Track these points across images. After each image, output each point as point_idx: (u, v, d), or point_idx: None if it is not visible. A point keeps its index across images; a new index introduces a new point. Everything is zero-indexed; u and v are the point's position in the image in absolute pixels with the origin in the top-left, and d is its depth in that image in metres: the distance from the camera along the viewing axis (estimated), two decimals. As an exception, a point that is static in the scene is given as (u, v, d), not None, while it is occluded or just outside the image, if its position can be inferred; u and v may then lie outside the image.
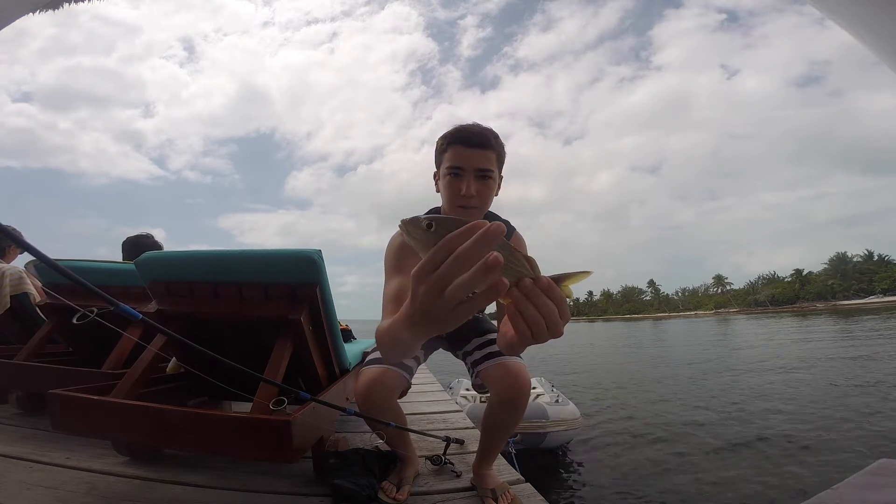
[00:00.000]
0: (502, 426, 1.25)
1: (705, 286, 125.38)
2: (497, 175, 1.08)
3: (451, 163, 1.04)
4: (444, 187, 1.07)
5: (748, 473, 3.72)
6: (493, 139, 1.05)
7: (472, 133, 1.04)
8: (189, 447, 1.30)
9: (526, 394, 1.18)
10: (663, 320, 71.84)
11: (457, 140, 1.04)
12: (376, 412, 1.21)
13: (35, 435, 1.64)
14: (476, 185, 1.04)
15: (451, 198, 1.06)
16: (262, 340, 1.39)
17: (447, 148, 1.05)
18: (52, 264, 0.75)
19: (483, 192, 1.05)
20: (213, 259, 1.39)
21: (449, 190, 1.05)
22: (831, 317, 34.97)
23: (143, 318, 0.84)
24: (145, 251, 1.53)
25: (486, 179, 1.05)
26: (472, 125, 1.06)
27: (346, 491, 1.18)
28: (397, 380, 1.22)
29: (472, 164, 1.03)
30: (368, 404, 1.20)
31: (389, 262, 1.10)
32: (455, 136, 1.05)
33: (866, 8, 1.35)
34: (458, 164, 1.04)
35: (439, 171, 1.09)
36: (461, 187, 1.03)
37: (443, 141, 1.07)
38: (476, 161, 1.03)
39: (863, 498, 1.28)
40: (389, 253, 1.12)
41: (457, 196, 1.04)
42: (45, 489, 1.20)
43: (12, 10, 1.48)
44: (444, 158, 1.06)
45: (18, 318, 2.28)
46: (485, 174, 1.04)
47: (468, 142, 1.04)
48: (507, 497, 1.23)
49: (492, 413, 1.24)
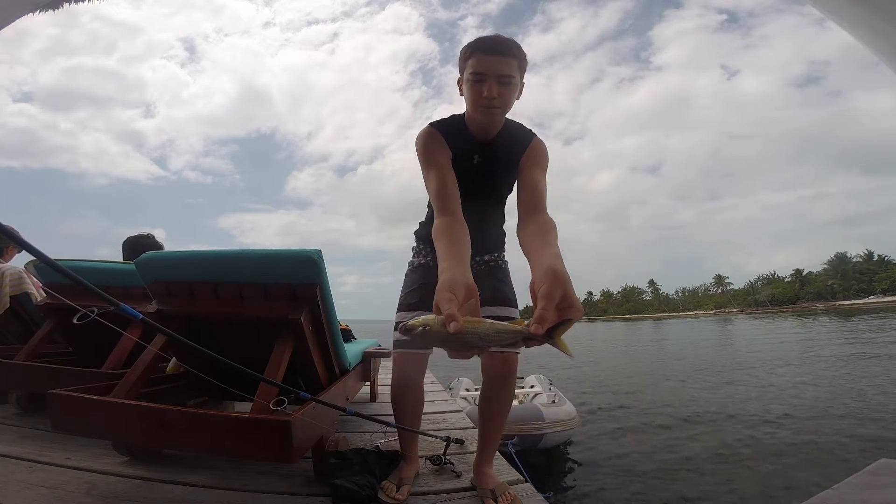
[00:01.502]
0: (498, 412, 1.33)
1: (705, 286, 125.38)
2: (518, 81, 1.13)
3: (473, 69, 1.09)
4: (468, 91, 1.12)
5: (748, 473, 3.72)
6: (515, 47, 1.09)
7: (494, 41, 1.09)
8: (189, 447, 1.31)
9: (514, 382, 1.32)
10: (663, 320, 71.86)
11: (479, 48, 1.09)
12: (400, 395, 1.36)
13: (35, 435, 1.64)
14: (498, 89, 1.09)
15: (475, 101, 1.12)
16: (262, 340, 1.39)
17: (470, 55, 1.10)
18: (52, 264, 0.75)
19: (504, 95, 1.11)
20: (214, 259, 1.39)
21: (472, 94, 1.11)
22: (831, 317, 34.98)
23: (144, 318, 0.84)
24: (145, 251, 1.53)
25: (508, 84, 1.10)
26: (494, 35, 1.12)
27: (346, 491, 1.18)
28: (419, 360, 1.35)
29: (493, 70, 1.08)
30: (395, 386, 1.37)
31: (423, 155, 1.15)
32: (478, 45, 1.09)
33: (866, 8, 1.35)
34: (481, 69, 1.08)
35: (462, 78, 1.14)
36: (483, 90, 1.09)
37: (467, 49, 1.11)
38: (498, 67, 1.08)
39: (863, 498, 1.28)
40: (420, 148, 1.16)
41: (479, 98, 1.10)
42: (45, 489, 1.20)
43: (12, 10, 1.48)
44: (467, 65, 1.11)
45: (18, 318, 2.28)
46: (506, 79, 1.09)
47: (490, 49, 1.08)
48: (507, 497, 1.23)
49: (486, 403, 1.34)
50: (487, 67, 1.08)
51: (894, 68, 1.39)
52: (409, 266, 1.45)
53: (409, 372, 1.35)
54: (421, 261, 1.41)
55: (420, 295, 1.34)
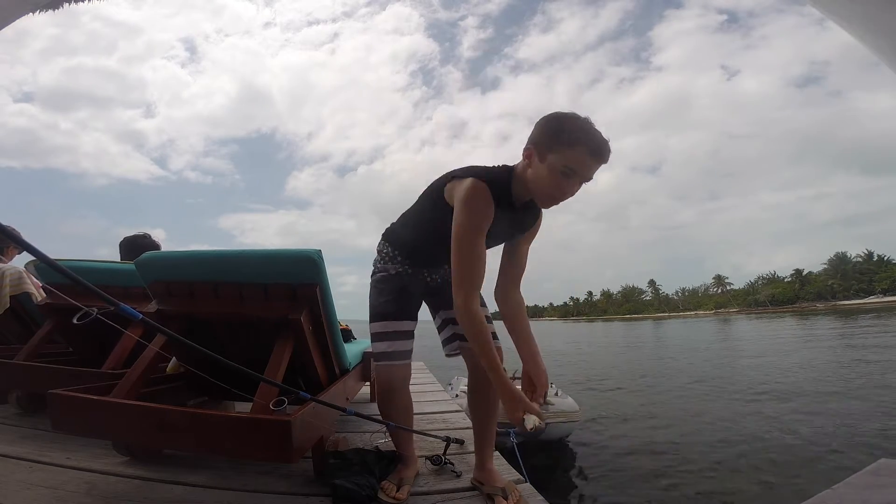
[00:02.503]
0: (485, 408, 1.36)
1: (705, 286, 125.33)
2: None
3: (571, 164, 1.03)
4: (550, 179, 1.06)
5: (748, 473, 3.73)
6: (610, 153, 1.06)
7: (606, 147, 1.04)
8: (189, 447, 1.31)
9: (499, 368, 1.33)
10: (663, 320, 71.82)
11: (590, 149, 1.02)
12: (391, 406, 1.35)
13: (35, 435, 1.64)
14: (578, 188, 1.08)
15: (551, 192, 1.08)
16: (262, 340, 1.39)
17: (575, 146, 1.02)
18: (52, 264, 0.75)
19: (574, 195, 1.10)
20: (214, 259, 1.39)
21: (554, 185, 1.06)
22: (831, 317, 34.97)
23: (144, 318, 0.84)
24: (143, 251, 1.53)
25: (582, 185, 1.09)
26: (604, 138, 1.04)
27: (346, 491, 1.18)
28: (405, 371, 1.35)
29: (588, 174, 1.05)
30: (387, 398, 1.35)
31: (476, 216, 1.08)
32: (589, 143, 1.02)
33: (866, 8, 1.35)
34: (578, 169, 1.03)
35: (547, 157, 1.05)
36: (567, 188, 1.06)
37: (571, 135, 1.02)
38: (592, 171, 1.05)
39: (863, 498, 1.28)
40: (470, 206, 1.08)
41: (558, 193, 1.07)
42: (45, 489, 1.20)
43: (12, 11, 1.48)
44: (562, 152, 1.03)
45: (18, 318, 2.28)
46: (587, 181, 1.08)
47: (600, 156, 1.03)
48: (515, 495, 1.25)
49: (473, 396, 1.37)
50: (586, 171, 1.04)
51: (894, 68, 1.39)
52: (379, 271, 1.39)
53: (397, 383, 1.33)
54: (399, 269, 1.35)
55: (399, 305, 1.34)
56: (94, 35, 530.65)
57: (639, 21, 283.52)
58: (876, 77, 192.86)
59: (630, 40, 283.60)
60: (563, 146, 1.03)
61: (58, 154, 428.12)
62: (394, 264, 1.37)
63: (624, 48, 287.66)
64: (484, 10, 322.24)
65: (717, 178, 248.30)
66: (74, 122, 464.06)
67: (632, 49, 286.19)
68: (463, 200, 1.09)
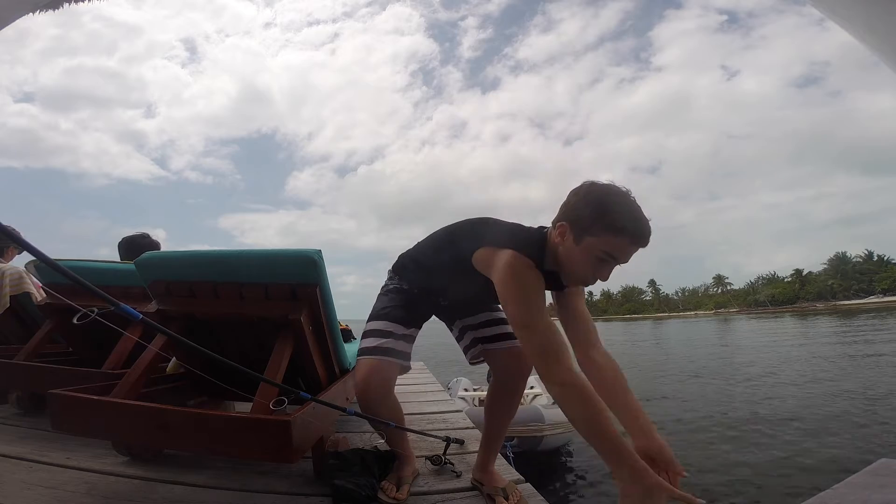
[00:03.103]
0: (506, 411, 1.35)
1: (705, 286, 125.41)
2: None
3: (612, 250, 0.96)
4: (585, 262, 0.99)
5: (748, 472, 3.73)
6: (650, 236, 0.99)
7: (648, 234, 0.96)
8: (189, 447, 1.31)
9: (526, 378, 1.31)
10: (663, 320, 71.83)
11: (632, 237, 0.95)
12: (375, 405, 1.23)
13: (35, 435, 1.64)
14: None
15: (586, 276, 1.01)
16: (262, 340, 1.39)
17: (616, 234, 0.94)
18: (52, 264, 0.75)
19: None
20: (214, 259, 1.39)
21: (590, 269, 0.99)
22: (831, 317, 34.98)
23: (144, 318, 0.84)
24: (143, 251, 1.53)
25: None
26: (647, 222, 0.97)
27: (346, 491, 1.18)
28: (393, 370, 1.23)
29: (625, 260, 0.98)
30: (367, 397, 1.21)
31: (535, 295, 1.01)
32: (632, 231, 0.94)
33: (866, 8, 1.35)
34: (619, 257, 0.97)
35: (583, 238, 0.97)
36: (602, 274, 0.99)
37: (613, 220, 0.94)
38: (630, 258, 0.99)
39: (863, 498, 1.28)
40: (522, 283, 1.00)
41: (592, 277, 1.00)
42: (45, 489, 1.20)
43: (12, 10, 1.48)
44: (602, 237, 0.95)
45: (18, 318, 2.28)
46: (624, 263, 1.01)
47: (639, 242, 0.96)
48: (516, 496, 1.25)
49: (496, 399, 1.35)
50: (625, 257, 0.97)
51: (894, 68, 1.39)
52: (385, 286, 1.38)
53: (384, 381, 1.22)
54: (403, 286, 1.34)
55: (407, 312, 1.31)
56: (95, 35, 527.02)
57: (639, 21, 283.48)
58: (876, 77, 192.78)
59: (630, 40, 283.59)
60: (605, 232, 0.94)
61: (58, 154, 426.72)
62: (400, 283, 1.35)
63: (624, 48, 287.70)
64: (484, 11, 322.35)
65: (717, 178, 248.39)
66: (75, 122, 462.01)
67: (632, 49, 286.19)
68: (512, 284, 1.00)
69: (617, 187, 0.98)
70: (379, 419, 1.30)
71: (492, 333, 1.33)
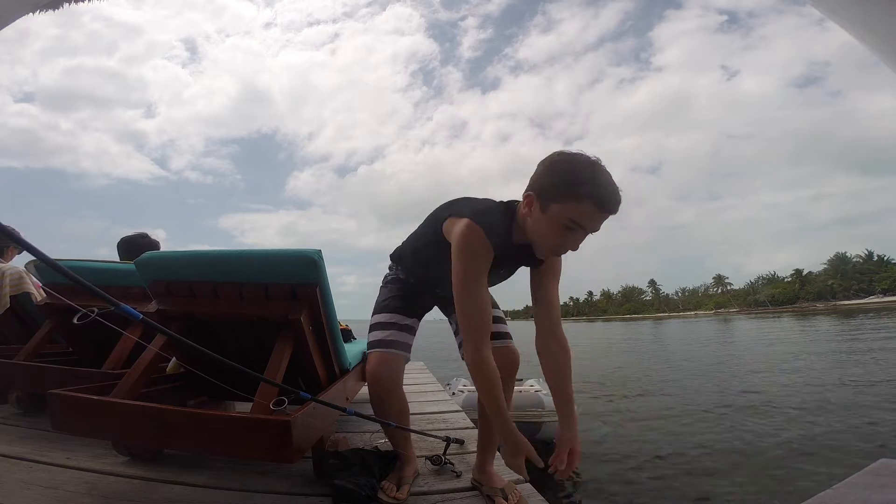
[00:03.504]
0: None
1: (705, 286, 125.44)
2: None
3: (576, 217, 0.95)
4: (552, 231, 0.99)
5: (749, 472, 3.72)
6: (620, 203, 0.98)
7: (614, 200, 0.95)
8: (189, 447, 1.31)
9: (514, 376, 1.33)
10: (663, 320, 71.81)
11: (598, 203, 0.94)
12: (384, 396, 1.28)
13: (35, 435, 1.64)
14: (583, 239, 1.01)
15: (554, 246, 1.01)
16: (262, 340, 1.39)
17: (581, 200, 0.94)
18: (52, 264, 0.75)
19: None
20: (214, 259, 1.39)
21: (557, 238, 0.99)
22: (831, 317, 34.98)
23: (144, 318, 0.84)
24: (142, 250, 1.53)
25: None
26: (611, 183, 0.96)
27: (346, 491, 1.18)
28: (400, 361, 1.30)
29: (595, 227, 0.98)
30: (376, 389, 1.27)
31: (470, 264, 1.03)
32: (599, 195, 0.94)
33: (866, 8, 1.35)
34: (585, 224, 0.96)
35: (549, 206, 0.97)
36: (571, 241, 0.99)
37: (577, 187, 0.94)
38: (599, 225, 0.98)
39: (863, 498, 1.28)
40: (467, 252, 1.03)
41: (562, 246, 1.00)
42: (45, 489, 1.20)
43: (12, 10, 1.48)
44: (568, 204, 0.95)
45: (18, 318, 2.28)
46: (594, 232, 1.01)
47: (607, 209, 0.95)
48: (515, 496, 1.25)
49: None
50: (592, 224, 0.97)
51: (894, 68, 1.38)
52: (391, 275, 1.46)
53: (392, 374, 1.27)
54: (400, 275, 1.42)
55: (407, 302, 1.37)
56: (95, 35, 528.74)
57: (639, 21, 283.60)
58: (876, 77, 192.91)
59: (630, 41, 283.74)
60: (569, 198, 0.94)
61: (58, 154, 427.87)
62: (396, 272, 1.44)
63: (624, 48, 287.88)
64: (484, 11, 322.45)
65: (717, 178, 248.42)
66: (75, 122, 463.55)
67: (632, 49, 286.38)
68: (458, 248, 1.03)
69: (585, 155, 0.98)
70: (381, 420, 1.30)
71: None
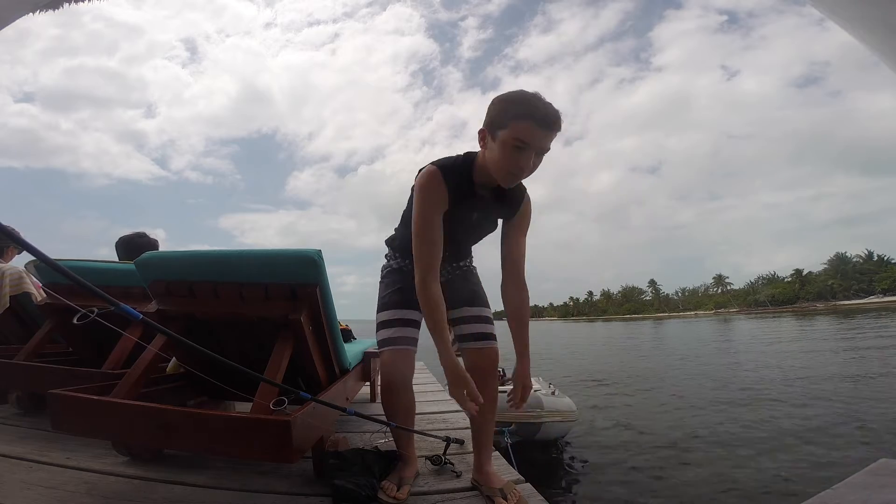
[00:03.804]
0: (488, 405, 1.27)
1: (705, 286, 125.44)
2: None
3: (520, 135, 1.02)
4: (502, 154, 1.06)
5: (748, 473, 3.72)
6: (561, 121, 1.04)
7: (551, 115, 1.02)
8: (189, 447, 1.31)
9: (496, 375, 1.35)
10: (663, 320, 71.78)
11: (535, 118, 1.01)
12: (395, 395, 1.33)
13: (35, 435, 1.64)
14: (534, 161, 1.07)
15: (507, 168, 1.07)
16: (262, 340, 1.39)
17: (519, 119, 1.02)
18: (52, 264, 0.75)
19: (535, 166, 1.09)
20: (214, 259, 1.39)
21: (508, 160, 1.06)
22: (831, 317, 34.97)
23: (144, 318, 0.84)
24: (141, 250, 1.53)
25: (541, 156, 1.08)
26: (547, 104, 1.03)
27: (346, 491, 1.18)
28: (409, 357, 1.34)
29: (540, 144, 1.04)
30: (387, 388, 1.32)
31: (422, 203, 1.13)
32: (533, 113, 1.01)
33: (866, 8, 1.35)
34: (529, 141, 1.02)
35: (497, 134, 1.06)
36: (521, 161, 1.05)
37: (516, 110, 1.03)
38: (545, 142, 1.04)
39: (863, 498, 1.28)
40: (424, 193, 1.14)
41: (514, 167, 1.06)
42: (45, 489, 1.20)
43: (12, 10, 1.48)
44: (511, 126, 1.03)
45: (18, 318, 2.28)
46: (544, 153, 1.07)
47: (545, 123, 1.02)
48: (515, 496, 1.24)
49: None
50: (536, 141, 1.03)
51: (894, 68, 1.38)
52: (385, 267, 1.49)
53: (401, 370, 1.32)
54: (395, 265, 1.45)
55: (405, 295, 1.36)
56: (96, 35, 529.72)
57: (639, 21, 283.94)
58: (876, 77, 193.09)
59: (630, 41, 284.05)
60: (512, 121, 1.03)
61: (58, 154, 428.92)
62: (396, 262, 1.45)
63: (624, 48, 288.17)
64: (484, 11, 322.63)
65: (717, 178, 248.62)
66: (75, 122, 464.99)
67: (632, 49, 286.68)
68: (416, 188, 1.14)
69: (522, 89, 1.07)
70: (381, 420, 1.30)
71: (472, 332, 1.36)
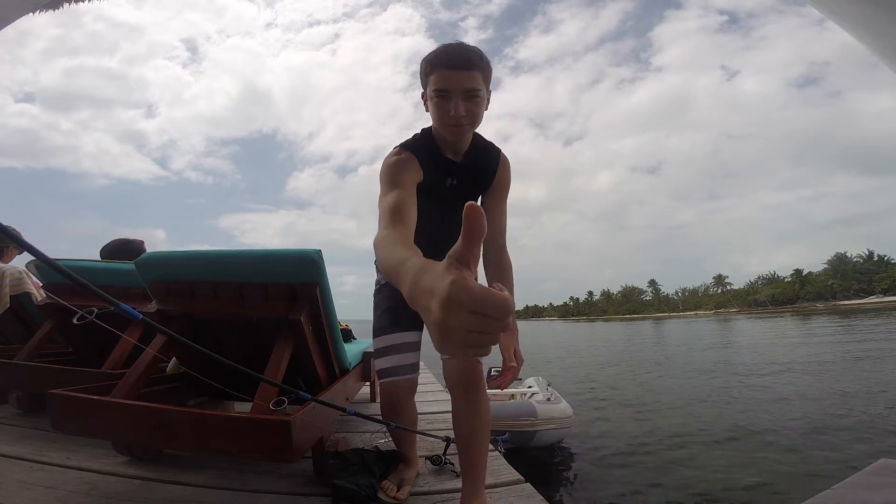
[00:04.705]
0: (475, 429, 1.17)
1: (705, 286, 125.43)
2: (485, 93, 1.06)
3: (437, 86, 1.02)
4: (433, 109, 1.05)
5: (748, 473, 3.72)
6: (478, 58, 1.02)
7: (456, 54, 1.00)
8: (189, 447, 1.31)
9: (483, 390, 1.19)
10: (663, 320, 71.77)
11: (441, 63, 1.01)
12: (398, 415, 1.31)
13: (35, 435, 1.64)
14: (465, 106, 1.02)
15: (442, 120, 1.05)
16: (262, 340, 1.39)
17: (432, 71, 1.02)
18: (52, 264, 0.75)
19: (472, 111, 1.04)
20: (214, 259, 1.39)
21: (438, 112, 1.05)
22: (831, 317, 34.96)
23: (144, 318, 0.84)
24: (130, 258, 1.52)
25: (475, 99, 1.03)
26: (454, 45, 1.03)
27: (346, 491, 1.18)
28: (407, 388, 1.30)
29: (458, 86, 1.01)
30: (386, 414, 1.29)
31: (385, 177, 1.05)
32: (438, 58, 1.01)
33: (866, 8, 1.35)
34: (445, 86, 1.01)
35: (426, 94, 1.07)
36: (449, 109, 1.02)
37: (427, 64, 1.04)
38: (462, 82, 1.01)
39: (863, 498, 1.28)
40: (385, 170, 1.06)
41: (446, 118, 1.04)
42: (45, 489, 1.20)
43: (12, 10, 1.48)
44: (429, 81, 1.03)
45: (18, 318, 2.28)
46: (472, 94, 1.02)
47: (452, 64, 1.00)
48: None
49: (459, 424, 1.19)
50: (451, 84, 1.01)
51: (894, 68, 1.39)
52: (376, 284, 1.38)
53: (401, 398, 1.29)
54: (382, 280, 1.35)
55: (393, 316, 1.27)
56: (96, 36, 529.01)
57: (639, 22, 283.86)
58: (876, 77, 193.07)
59: (630, 41, 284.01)
60: (429, 75, 1.03)
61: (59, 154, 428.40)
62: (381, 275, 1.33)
63: (624, 49, 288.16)
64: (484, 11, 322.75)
65: (717, 178, 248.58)
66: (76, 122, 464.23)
67: (632, 50, 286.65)
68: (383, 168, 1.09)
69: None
70: (381, 420, 1.30)
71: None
